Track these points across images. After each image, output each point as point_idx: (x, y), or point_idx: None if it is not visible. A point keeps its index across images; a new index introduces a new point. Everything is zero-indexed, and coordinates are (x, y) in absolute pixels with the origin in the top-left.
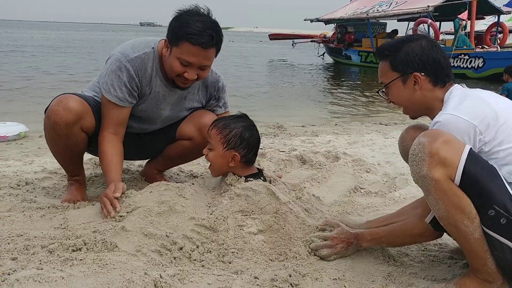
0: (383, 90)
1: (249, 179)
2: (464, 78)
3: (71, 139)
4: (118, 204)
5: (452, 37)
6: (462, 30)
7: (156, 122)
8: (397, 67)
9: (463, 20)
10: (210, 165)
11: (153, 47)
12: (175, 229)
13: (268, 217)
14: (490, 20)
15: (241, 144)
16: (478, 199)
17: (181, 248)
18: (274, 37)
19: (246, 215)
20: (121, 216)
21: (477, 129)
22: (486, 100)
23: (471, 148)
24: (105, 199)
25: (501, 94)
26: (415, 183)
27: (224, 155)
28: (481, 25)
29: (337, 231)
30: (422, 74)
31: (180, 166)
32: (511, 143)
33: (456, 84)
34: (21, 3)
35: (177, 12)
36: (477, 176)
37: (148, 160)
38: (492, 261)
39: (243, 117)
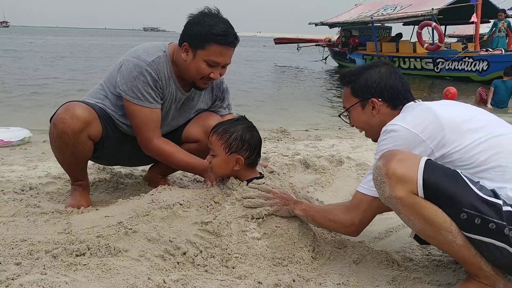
0: (346, 114)
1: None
2: (469, 81)
3: (78, 147)
4: None
5: (454, 40)
6: (501, 32)
7: (163, 126)
8: (357, 92)
9: (505, 20)
10: (213, 171)
11: (164, 51)
12: (178, 234)
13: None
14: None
15: (243, 146)
16: (447, 206)
17: (184, 253)
18: (279, 41)
19: (249, 220)
20: None
21: (420, 137)
22: (433, 109)
23: (428, 159)
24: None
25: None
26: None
27: (227, 160)
28: (484, 28)
29: (280, 189)
30: (379, 99)
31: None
32: (461, 145)
33: (412, 102)
34: (22, 8)
35: (191, 16)
36: (438, 184)
37: (151, 165)
38: (486, 263)
39: (241, 119)
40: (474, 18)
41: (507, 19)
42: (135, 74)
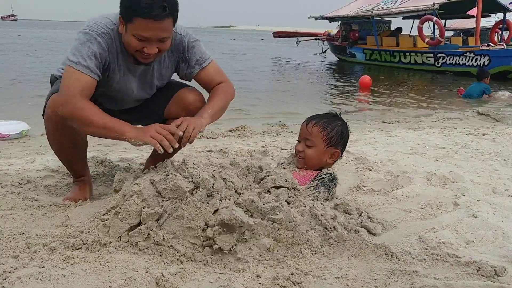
0: None
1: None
2: (470, 76)
3: (75, 132)
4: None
5: (451, 33)
6: None
7: (130, 101)
8: None
9: None
10: (303, 159)
11: (114, 23)
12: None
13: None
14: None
15: (341, 141)
16: None
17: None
18: (278, 35)
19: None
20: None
21: None
22: None
23: None
24: (158, 134)
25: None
26: None
27: (324, 152)
28: (483, 22)
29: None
30: None
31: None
32: None
33: None
34: (28, 2)
35: None
36: None
37: (149, 157)
38: None
39: (337, 115)
40: (473, 11)
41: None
42: (83, 40)
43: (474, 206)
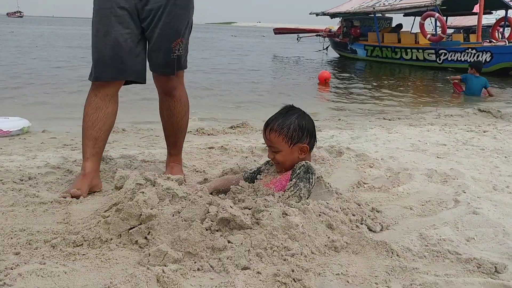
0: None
1: None
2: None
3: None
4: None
5: (451, 30)
6: None
7: None
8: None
9: None
10: (279, 164)
11: None
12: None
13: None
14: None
15: (303, 134)
16: None
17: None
18: (279, 31)
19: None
20: None
21: None
22: None
23: None
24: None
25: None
26: None
27: (292, 151)
28: (483, 19)
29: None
30: None
31: (183, 161)
32: None
33: None
34: None
35: None
36: None
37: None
38: None
39: (291, 108)
40: (476, 8)
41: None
42: None
43: (474, 203)
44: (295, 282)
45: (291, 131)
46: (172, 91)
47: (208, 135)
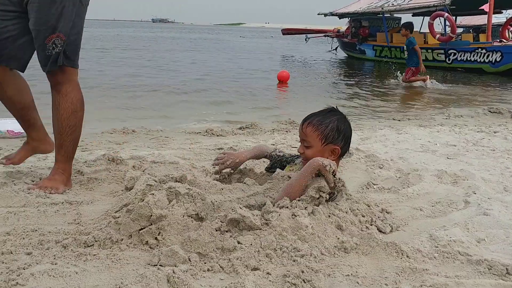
0: None
1: None
2: (481, 73)
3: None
4: None
5: (460, 30)
6: None
7: None
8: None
9: None
10: (306, 160)
11: None
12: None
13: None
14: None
15: (339, 136)
16: None
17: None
18: (287, 32)
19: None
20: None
21: None
22: None
23: None
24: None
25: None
26: None
27: (323, 151)
28: (493, 18)
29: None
30: None
31: (192, 162)
32: None
33: None
34: None
35: None
36: None
37: None
38: None
39: (333, 110)
40: (485, 7)
41: None
42: None
43: (485, 204)
44: (305, 283)
45: (328, 129)
46: (56, 86)
47: (217, 136)
